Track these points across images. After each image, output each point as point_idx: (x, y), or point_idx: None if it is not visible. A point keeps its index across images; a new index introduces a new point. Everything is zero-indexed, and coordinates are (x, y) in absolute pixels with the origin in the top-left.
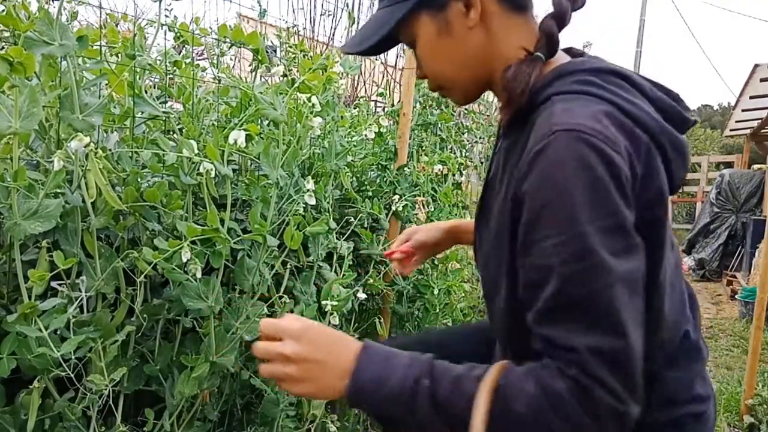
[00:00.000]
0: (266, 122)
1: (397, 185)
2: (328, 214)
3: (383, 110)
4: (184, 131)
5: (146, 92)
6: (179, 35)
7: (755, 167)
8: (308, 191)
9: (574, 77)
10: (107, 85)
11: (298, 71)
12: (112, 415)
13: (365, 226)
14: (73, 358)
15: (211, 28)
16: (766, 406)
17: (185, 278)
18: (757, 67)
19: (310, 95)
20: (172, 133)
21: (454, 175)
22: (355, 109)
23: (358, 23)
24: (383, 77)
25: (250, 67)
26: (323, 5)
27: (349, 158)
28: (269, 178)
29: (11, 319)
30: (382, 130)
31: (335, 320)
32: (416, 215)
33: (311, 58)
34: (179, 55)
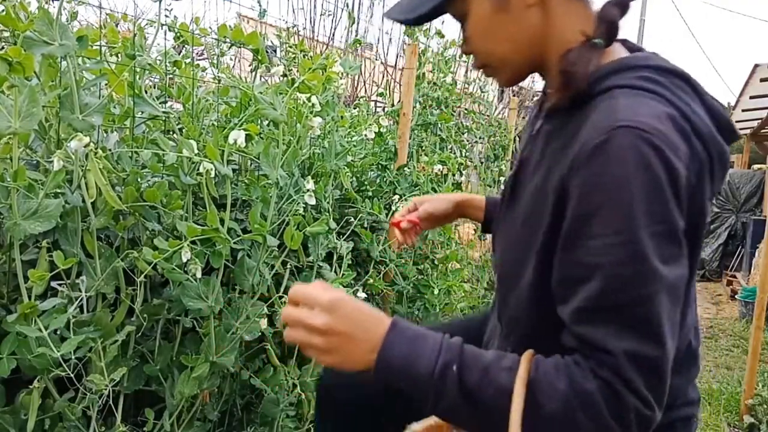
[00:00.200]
0: (266, 122)
1: (397, 185)
2: (328, 214)
3: (383, 110)
4: (184, 131)
5: (146, 92)
6: (179, 35)
7: (755, 167)
8: (308, 191)
9: (637, 72)
10: (107, 85)
11: (298, 71)
12: (112, 415)
13: (365, 226)
14: (73, 358)
15: (210, 28)
16: (766, 406)
17: (185, 278)
18: (757, 67)
19: (309, 95)
20: (172, 133)
21: (454, 175)
22: (355, 109)
23: (357, 23)
24: (383, 77)
25: (250, 67)
26: (323, 5)
27: (349, 158)
28: (269, 178)
29: (11, 319)
30: (382, 130)
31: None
32: None
33: (311, 58)
34: (179, 55)
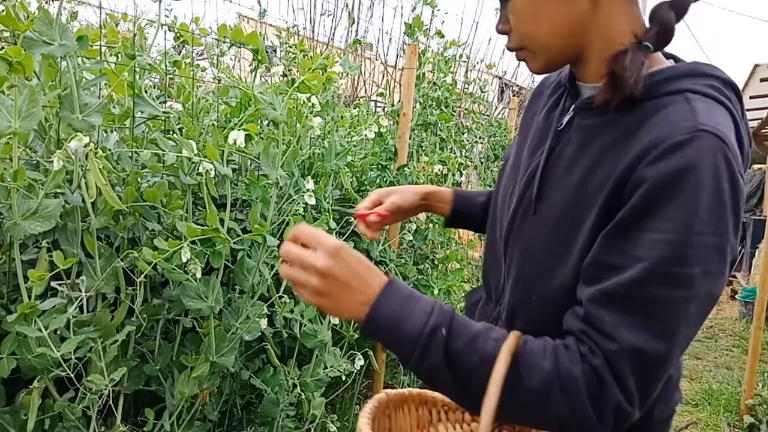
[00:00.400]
0: (266, 122)
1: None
2: (328, 214)
3: (383, 110)
4: (183, 131)
5: (146, 92)
6: (179, 35)
7: (755, 167)
8: (308, 191)
9: (708, 80)
10: (107, 85)
11: (297, 71)
12: (112, 415)
13: None
14: (73, 358)
15: (210, 28)
16: (766, 406)
17: (185, 278)
18: (757, 67)
19: (309, 95)
20: (171, 133)
21: (454, 175)
22: (355, 109)
23: (357, 23)
24: (383, 77)
25: (250, 67)
26: (323, 5)
27: (349, 158)
28: (269, 178)
29: (11, 319)
30: (382, 130)
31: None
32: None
33: (311, 58)
34: (179, 55)
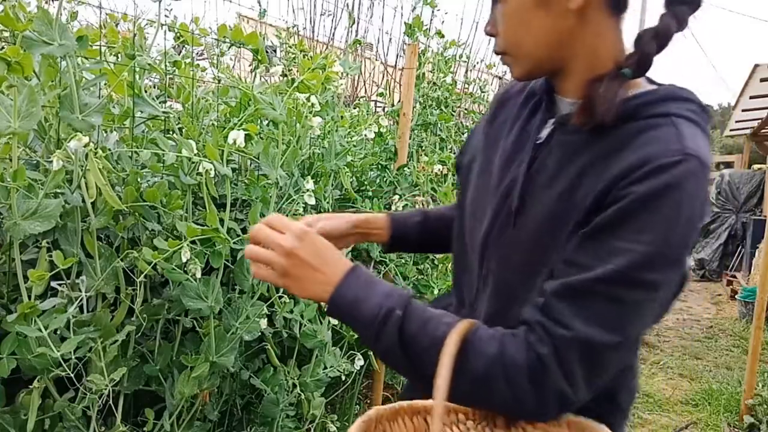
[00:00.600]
0: (266, 122)
1: (397, 185)
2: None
3: (383, 110)
4: (183, 131)
5: (146, 92)
6: (179, 35)
7: (755, 167)
8: (308, 191)
9: (689, 105)
10: (107, 85)
11: (297, 71)
12: (112, 415)
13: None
14: (73, 358)
15: (210, 28)
16: (766, 406)
17: (185, 278)
18: (757, 67)
19: (309, 95)
20: (171, 132)
21: (453, 175)
22: (355, 109)
23: (357, 23)
24: (383, 77)
25: (250, 67)
26: (323, 5)
27: (348, 158)
28: (269, 177)
29: (11, 319)
30: (382, 130)
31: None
32: None
33: (311, 58)
34: (179, 55)
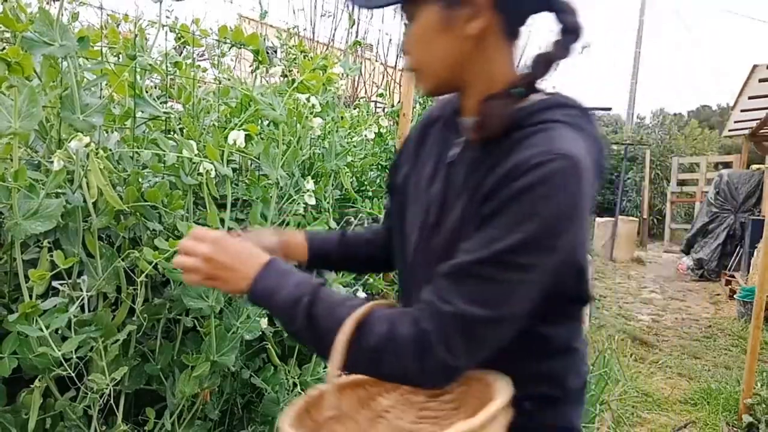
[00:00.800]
0: (266, 122)
1: None
2: (328, 214)
3: (383, 111)
4: (184, 131)
5: (147, 93)
6: (180, 36)
7: (754, 167)
8: (308, 191)
9: (567, 110)
10: (108, 85)
11: (298, 72)
12: (113, 414)
13: (365, 226)
14: (74, 357)
15: (211, 29)
16: (764, 405)
17: None
18: (755, 67)
19: (309, 96)
20: (172, 133)
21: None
22: (355, 109)
23: (358, 24)
24: (383, 78)
25: (250, 67)
26: (323, 7)
27: (349, 158)
28: (269, 178)
29: (12, 318)
30: (382, 130)
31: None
32: None
33: (311, 58)
34: (180, 56)
